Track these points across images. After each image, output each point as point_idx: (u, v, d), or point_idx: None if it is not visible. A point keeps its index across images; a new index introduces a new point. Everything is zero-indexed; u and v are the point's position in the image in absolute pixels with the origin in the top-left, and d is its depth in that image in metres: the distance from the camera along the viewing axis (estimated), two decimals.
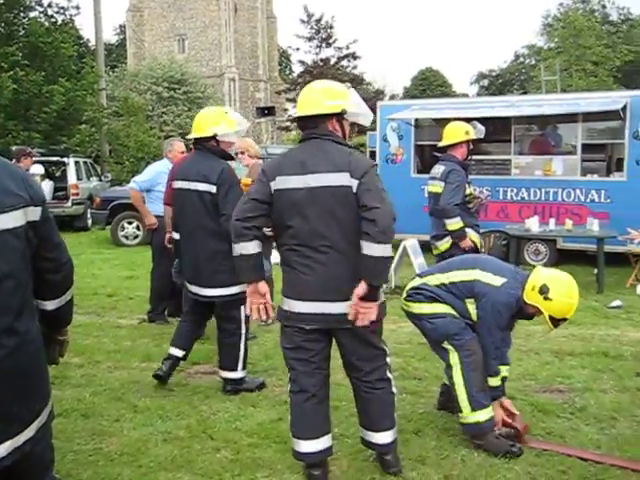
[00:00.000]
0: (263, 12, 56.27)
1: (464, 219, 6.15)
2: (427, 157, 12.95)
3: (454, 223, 6.10)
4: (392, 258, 3.40)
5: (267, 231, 3.61)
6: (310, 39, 46.10)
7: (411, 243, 8.58)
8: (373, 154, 13.11)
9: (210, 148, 4.88)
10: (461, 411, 4.00)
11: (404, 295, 4.30)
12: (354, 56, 45.49)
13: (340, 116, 3.48)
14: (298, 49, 57.07)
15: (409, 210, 11.69)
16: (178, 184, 5.02)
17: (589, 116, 10.83)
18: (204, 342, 6.28)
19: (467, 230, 6.18)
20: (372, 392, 3.55)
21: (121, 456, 3.89)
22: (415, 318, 4.23)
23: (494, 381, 4.05)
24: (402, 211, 12.89)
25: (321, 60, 45.40)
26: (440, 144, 6.40)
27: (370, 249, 3.19)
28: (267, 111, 25.37)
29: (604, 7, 48.86)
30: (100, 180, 19.22)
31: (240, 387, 4.97)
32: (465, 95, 49.50)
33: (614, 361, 5.67)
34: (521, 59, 55.68)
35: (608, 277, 9.10)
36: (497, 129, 12.08)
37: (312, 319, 3.40)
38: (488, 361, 4.01)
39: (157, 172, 7.27)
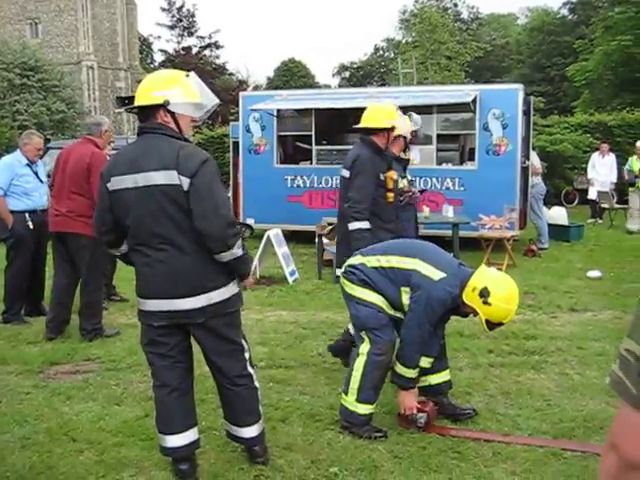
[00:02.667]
0: None
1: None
2: (290, 148, 13.09)
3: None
4: (246, 253, 3.39)
5: None
6: (172, 27, 45.20)
7: (275, 233, 8.66)
8: (236, 144, 13.05)
9: (364, 139, 5.23)
10: (346, 393, 4.06)
11: (343, 269, 4.21)
12: (217, 46, 45.10)
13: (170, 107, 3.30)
14: (160, 37, 55.69)
15: (272, 201, 11.82)
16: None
17: (443, 108, 11.36)
18: (64, 341, 6.06)
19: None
20: (233, 389, 3.52)
21: None
22: (345, 296, 4.18)
23: (411, 373, 4.03)
24: (265, 202, 13.05)
25: (183, 49, 44.59)
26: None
27: (220, 258, 3.26)
28: (128, 101, 24.44)
29: (456, 5, 51.34)
30: None
31: None
32: (328, 86, 50.27)
33: (468, 340, 6.00)
34: (381, 52, 57.22)
35: (463, 261, 9.57)
36: (358, 120, 12.39)
37: (159, 316, 3.34)
38: (411, 353, 3.97)
39: (11, 167, 6.85)
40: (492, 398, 4.63)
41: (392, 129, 5.30)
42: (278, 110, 12.20)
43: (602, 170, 14.83)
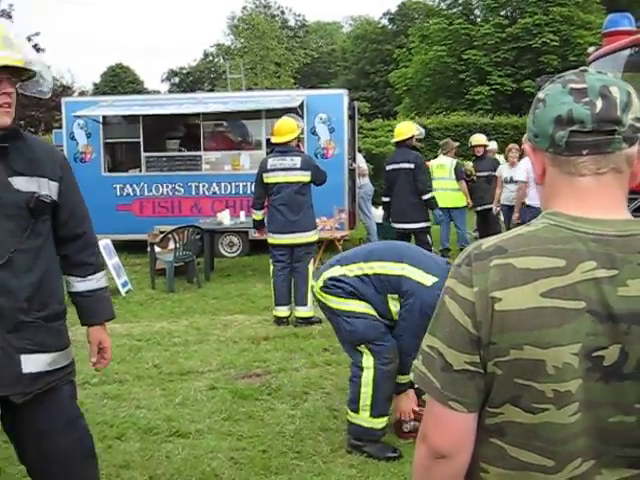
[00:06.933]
0: None
1: None
2: (118, 155, 12.66)
3: None
4: None
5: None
6: None
7: (104, 244, 8.32)
8: None
9: (408, 144, 8.30)
10: (357, 411, 3.83)
11: (320, 284, 3.89)
12: (37, 49, 42.54)
13: None
14: None
15: (101, 210, 11.32)
16: (392, 166, 8.30)
17: (272, 113, 11.46)
18: None
19: None
20: None
21: None
22: (330, 312, 3.89)
23: (406, 378, 3.87)
24: (94, 212, 12.38)
25: None
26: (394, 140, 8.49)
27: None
28: None
29: (283, 13, 52.16)
30: None
31: None
32: (157, 92, 49.16)
33: (304, 340, 6.11)
34: (210, 57, 56.86)
35: None
36: (187, 126, 12.23)
37: None
38: (407, 360, 3.67)
39: None
40: (328, 395, 4.75)
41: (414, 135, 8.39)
42: (104, 117, 11.75)
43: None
